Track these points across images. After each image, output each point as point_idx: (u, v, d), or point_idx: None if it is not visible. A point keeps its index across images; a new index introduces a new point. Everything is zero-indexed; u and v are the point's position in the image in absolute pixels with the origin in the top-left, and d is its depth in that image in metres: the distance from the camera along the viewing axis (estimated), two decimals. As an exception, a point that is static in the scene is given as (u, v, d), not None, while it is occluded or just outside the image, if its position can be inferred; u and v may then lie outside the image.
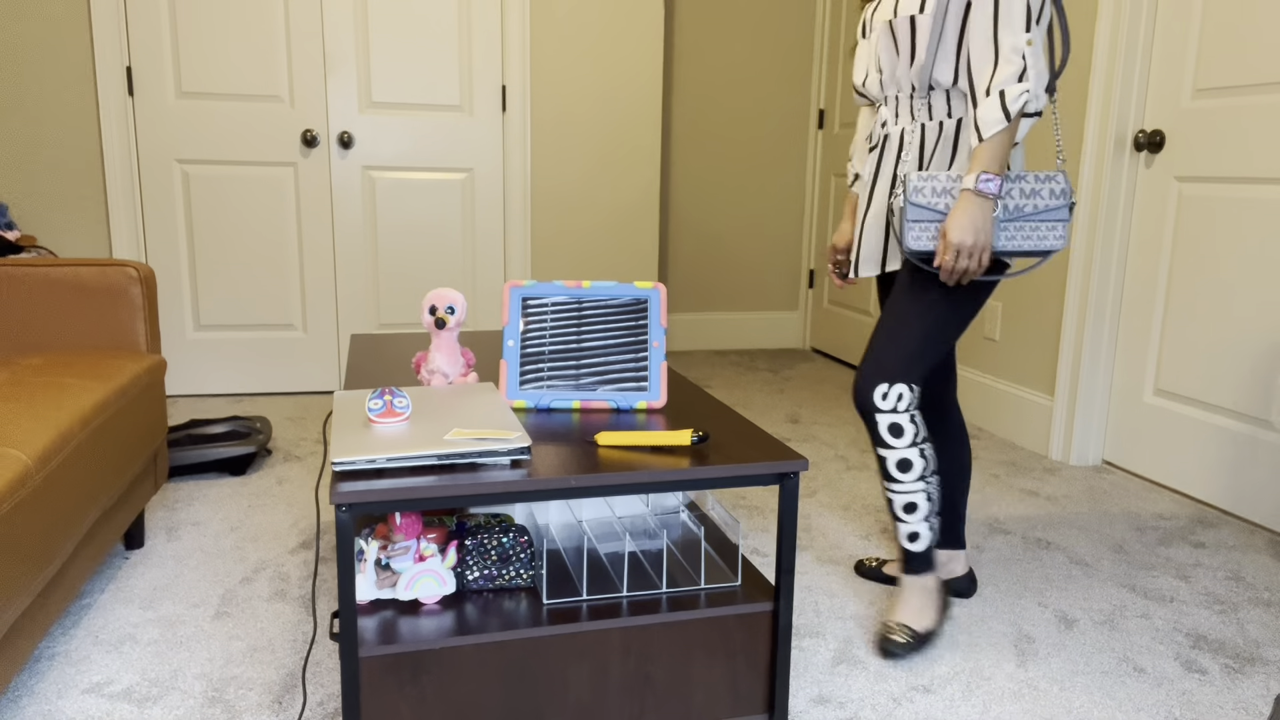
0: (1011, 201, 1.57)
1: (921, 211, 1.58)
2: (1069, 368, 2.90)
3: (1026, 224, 1.57)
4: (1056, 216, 1.58)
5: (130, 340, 2.12)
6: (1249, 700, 1.62)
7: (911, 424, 1.70)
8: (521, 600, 1.39)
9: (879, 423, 1.71)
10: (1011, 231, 1.58)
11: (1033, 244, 1.59)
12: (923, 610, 1.78)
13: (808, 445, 3.06)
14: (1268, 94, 2.34)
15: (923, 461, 1.72)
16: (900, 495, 1.74)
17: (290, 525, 2.32)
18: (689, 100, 4.38)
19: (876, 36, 1.70)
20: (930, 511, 1.75)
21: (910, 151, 1.69)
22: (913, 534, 1.76)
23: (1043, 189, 1.58)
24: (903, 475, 1.72)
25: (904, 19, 1.61)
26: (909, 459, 1.71)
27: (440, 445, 1.25)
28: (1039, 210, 1.58)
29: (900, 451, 1.71)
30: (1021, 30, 1.52)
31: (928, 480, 1.73)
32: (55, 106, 3.27)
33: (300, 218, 3.53)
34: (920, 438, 1.71)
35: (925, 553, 1.78)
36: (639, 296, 1.55)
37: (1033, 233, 1.58)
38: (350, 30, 3.44)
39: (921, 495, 1.73)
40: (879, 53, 1.70)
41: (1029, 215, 1.57)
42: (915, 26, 1.61)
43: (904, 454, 1.71)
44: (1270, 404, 2.37)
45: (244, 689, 1.59)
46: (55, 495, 1.47)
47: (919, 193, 1.58)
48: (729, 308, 4.64)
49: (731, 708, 1.41)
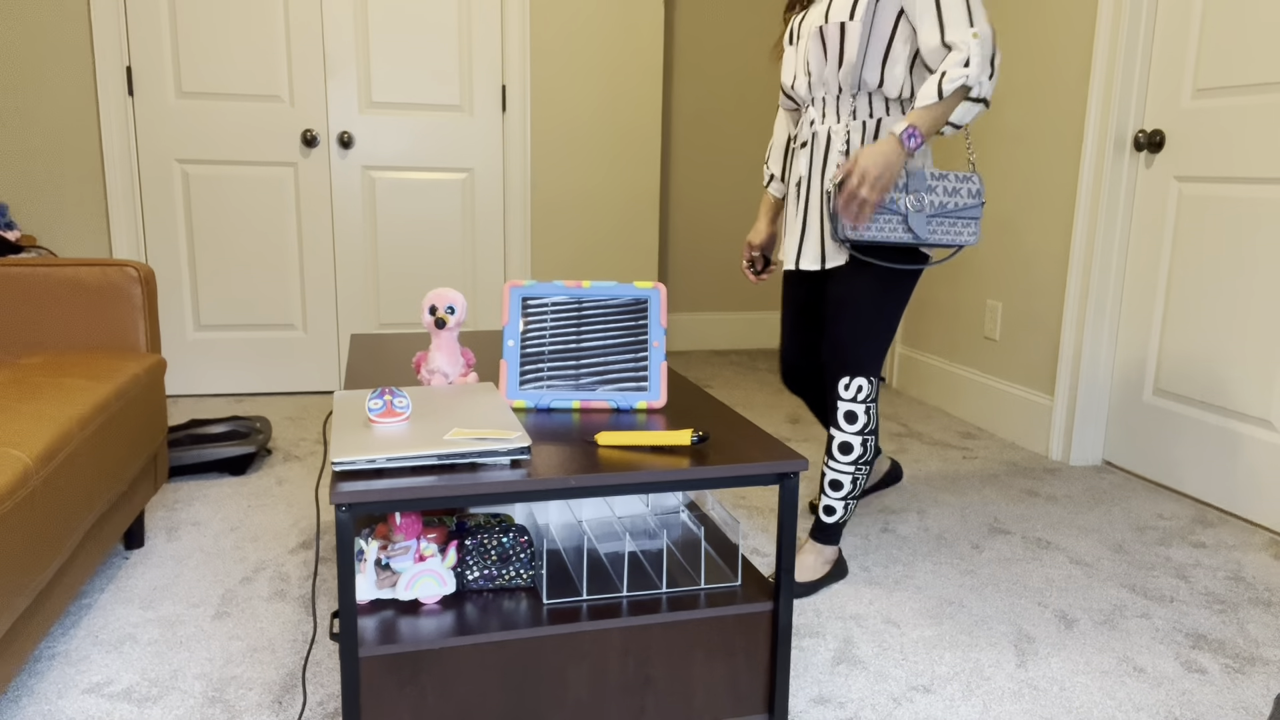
0: (937, 199, 1.71)
1: None
2: (1069, 368, 2.90)
3: (947, 220, 1.72)
4: (972, 214, 1.73)
5: (130, 340, 2.12)
6: (1249, 700, 1.62)
7: (866, 414, 1.88)
8: (521, 600, 1.39)
9: (838, 409, 1.89)
10: (934, 226, 1.72)
11: (951, 239, 1.74)
12: (812, 567, 1.99)
13: (808, 445, 3.06)
14: (1268, 94, 2.34)
15: (862, 449, 1.90)
16: (831, 472, 1.94)
17: (290, 525, 2.32)
18: (689, 100, 4.38)
19: (805, 42, 1.83)
20: (851, 494, 1.95)
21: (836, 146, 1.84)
22: (829, 508, 1.97)
23: (962, 188, 1.72)
24: (842, 456, 1.92)
25: (834, 25, 1.75)
26: (851, 443, 1.90)
27: (440, 445, 1.25)
28: (959, 208, 1.72)
29: (847, 436, 1.90)
30: (965, 26, 1.67)
31: (859, 466, 1.92)
32: (55, 106, 3.27)
33: (300, 218, 3.53)
34: (868, 429, 1.89)
35: (835, 526, 1.98)
36: (639, 296, 1.55)
37: (951, 228, 1.74)
38: (350, 30, 3.44)
39: (848, 478, 1.93)
40: (808, 57, 1.83)
41: (950, 212, 1.71)
42: (845, 32, 1.75)
43: (849, 439, 1.90)
44: (1270, 404, 2.37)
45: (244, 689, 1.59)
46: (55, 495, 1.47)
47: None
48: (729, 308, 4.64)
49: (731, 708, 1.41)
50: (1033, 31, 3.02)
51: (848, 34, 1.73)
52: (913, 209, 1.70)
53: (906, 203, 1.70)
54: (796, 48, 1.87)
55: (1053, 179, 2.96)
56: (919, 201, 1.70)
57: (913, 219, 1.70)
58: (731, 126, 4.46)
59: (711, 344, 4.65)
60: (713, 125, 4.44)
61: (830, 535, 1.98)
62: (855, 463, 1.91)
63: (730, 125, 4.45)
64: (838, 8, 1.75)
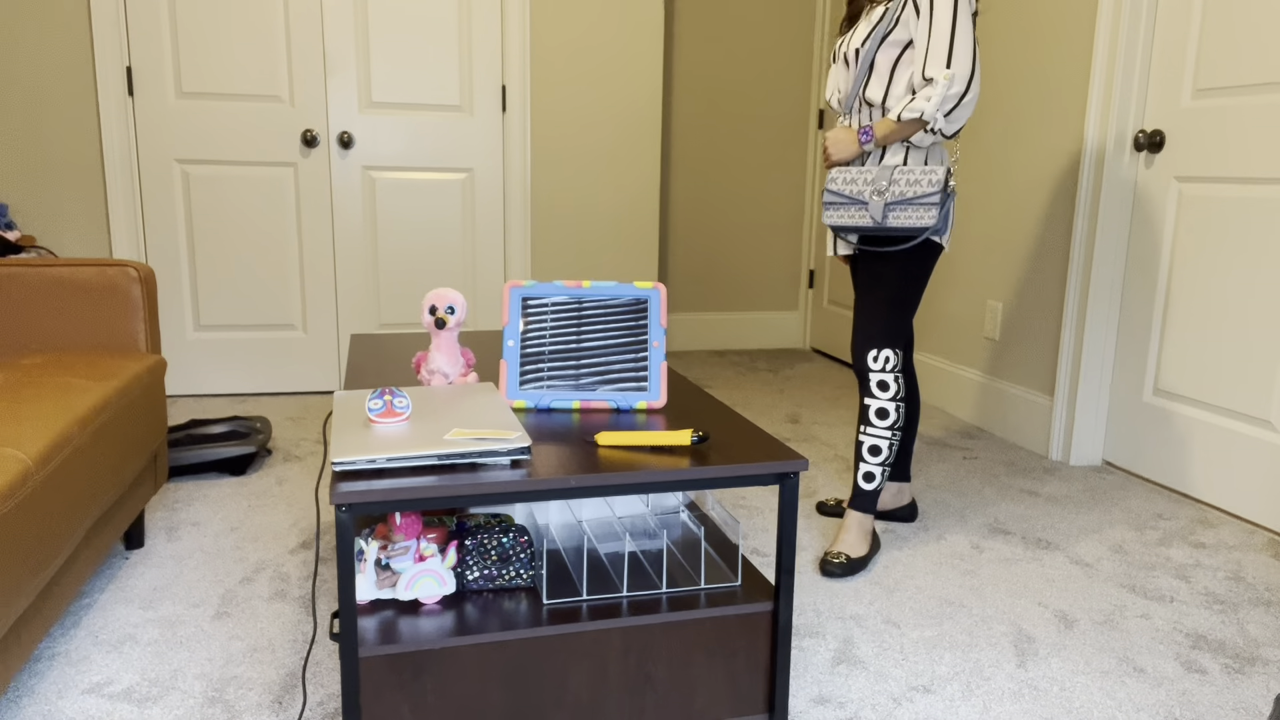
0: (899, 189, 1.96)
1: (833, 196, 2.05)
2: (1069, 368, 2.90)
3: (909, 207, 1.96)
4: (931, 200, 1.94)
5: (130, 340, 2.12)
6: (1249, 700, 1.62)
7: (895, 383, 2.11)
8: (521, 600, 1.39)
9: (870, 379, 2.11)
10: (897, 212, 1.98)
11: (912, 223, 1.97)
12: (858, 543, 2.12)
13: (808, 445, 3.06)
14: (1268, 94, 2.34)
15: (896, 415, 2.11)
16: (869, 438, 2.13)
17: (290, 525, 2.32)
18: (689, 100, 4.38)
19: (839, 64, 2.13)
20: (887, 459, 2.13)
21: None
22: (868, 474, 2.14)
23: (924, 179, 1.95)
24: (879, 421, 2.11)
25: (852, 51, 2.06)
26: (887, 409, 2.10)
27: (440, 445, 1.25)
28: (918, 196, 1.95)
29: (881, 402, 2.11)
30: (943, 64, 1.93)
31: (895, 431, 2.12)
32: (55, 106, 3.27)
33: (300, 218, 3.53)
34: (899, 395, 2.11)
35: (873, 493, 2.14)
36: (639, 296, 1.55)
37: (913, 214, 1.96)
38: (350, 30, 3.44)
39: (885, 442, 2.12)
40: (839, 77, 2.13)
41: (910, 200, 1.96)
42: (859, 57, 2.05)
43: (883, 404, 2.10)
44: (1270, 404, 2.37)
45: (244, 689, 1.59)
46: (55, 495, 1.47)
47: (833, 181, 2.06)
48: (729, 308, 4.64)
49: (731, 708, 1.41)
50: (1033, 31, 3.02)
51: (861, 60, 2.04)
52: (873, 199, 1.99)
53: (869, 193, 1.99)
54: (836, 66, 2.16)
55: (1053, 179, 2.96)
56: (880, 193, 1.98)
57: (871, 206, 1.99)
58: (732, 126, 4.46)
59: (711, 344, 4.65)
60: (713, 125, 4.44)
61: (870, 502, 2.15)
62: (891, 428, 2.11)
63: (730, 125, 4.45)
64: (860, 35, 2.05)
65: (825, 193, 2.07)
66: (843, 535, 2.14)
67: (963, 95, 1.93)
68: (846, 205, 2.03)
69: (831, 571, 2.06)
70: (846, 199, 2.03)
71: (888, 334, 2.09)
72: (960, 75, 1.92)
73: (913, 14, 1.96)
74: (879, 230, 2.01)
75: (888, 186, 1.97)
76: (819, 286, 4.62)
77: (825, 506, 2.45)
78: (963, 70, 1.92)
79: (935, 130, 1.96)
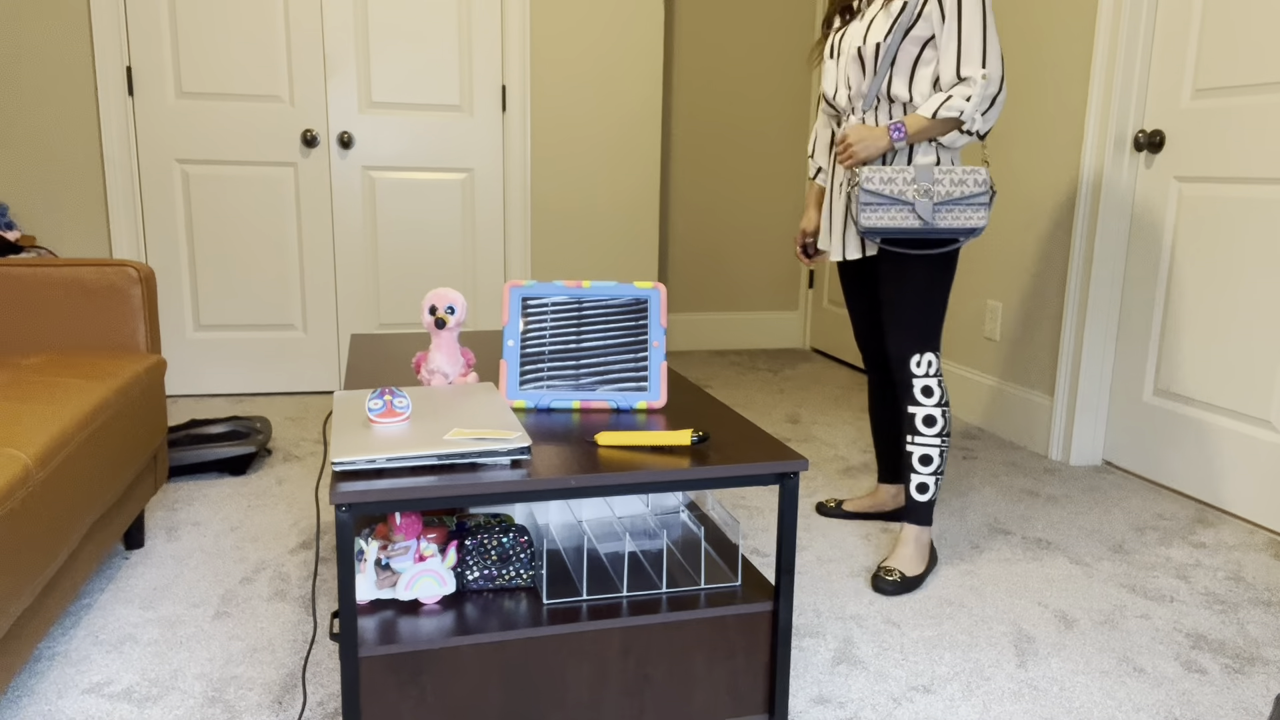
0: (944, 189, 1.89)
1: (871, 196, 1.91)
2: (1069, 368, 2.90)
3: (956, 207, 1.90)
4: (980, 201, 1.90)
5: (130, 340, 2.12)
6: (1249, 700, 1.62)
7: (939, 387, 2.03)
8: (521, 600, 1.39)
9: (914, 386, 2.03)
10: (944, 213, 1.91)
11: (961, 224, 1.91)
12: (914, 559, 2.04)
13: (808, 445, 3.06)
14: (1268, 94, 2.34)
15: (944, 421, 2.04)
16: (920, 448, 2.04)
17: (290, 525, 2.32)
18: (689, 100, 4.38)
19: (845, 59, 2.03)
20: (939, 467, 2.05)
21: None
22: (922, 485, 2.05)
23: (969, 179, 1.90)
24: (926, 430, 2.03)
25: (871, 46, 1.96)
26: (934, 416, 2.03)
27: (440, 445, 1.25)
28: (966, 196, 1.90)
29: (928, 409, 2.03)
30: (978, 63, 1.89)
31: (944, 438, 2.04)
32: (55, 106, 3.27)
33: (300, 218, 3.53)
34: (944, 400, 2.04)
35: (928, 505, 2.06)
36: (639, 296, 1.55)
37: (961, 214, 1.91)
38: (350, 30, 3.44)
39: (936, 450, 2.04)
40: (849, 73, 2.03)
41: (958, 200, 1.90)
42: (880, 53, 1.96)
43: (930, 411, 2.03)
44: (1270, 404, 2.37)
45: (244, 689, 1.59)
46: (55, 495, 1.47)
47: (869, 181, 1.91)
48: (729, 308, 4.64)
49: (731, 708, 1.41)
50: (1033, 31, 3.02)
51: (882, 55, 1.94)
52: (919, 199, 1.89)
53: (913, 193, 1.89)
54: (838, 62, 2.06)
55: (1053, 179, 2.96)
56: (926, 193, 1.88)
57: (919, 206, 1.89)
58: (731, 126, 4.46)
59: (711, 344, 4.65)
60: (712, 125, 4.44)
61: (927, 514, 2.06)
62: (940, 435, 2.03)
63: (730, 125, 4.45)
64: (876, 29, 1.95)
65: (862, 193, 1.91)
66: (899, 550, 2.06)
67: (996, 95, 1.90)
68: (888, 206, 1.91)
69: (884, 589, 1.98)
70: (888, 199, 1.91)
71: (928, 336, 2.02)
72: (994, 75, 1.89)
73: (937, 10, 1.90)
74: (927, 232, 1.91)
75: (931, 186, 1.89)
76: (819, 286, 4.62)
77: (825, 507, 2.44)
78: (995, 70, 1.89)
79: (971, 130, 1.91)
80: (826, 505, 2.44)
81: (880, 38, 1.94)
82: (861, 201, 1.91)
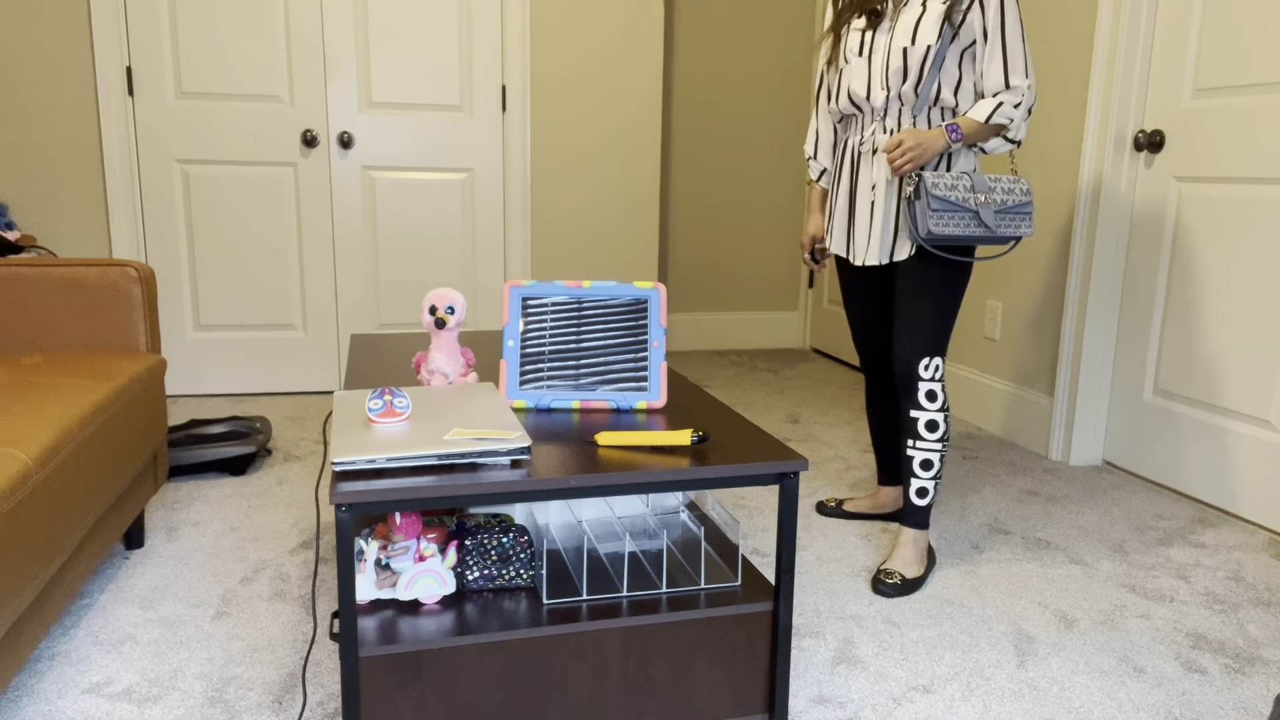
0: (998, 197, 1.94)
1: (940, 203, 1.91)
2: (1069, 368, 2.90)
3: (1010, 215, 1.95)
4: (1027, 210, 1.96)
5: (130, 340, 2.12)
6: (1249, 700, 1.62)
7: (943, 392, 2.04)
8: (521, 600, 1.39)
9: (919, 390, 2.03)
10: (1002, 220, 1.95)
11: (1014, 230, 1.96)
12: (914, 562, 2.05)
13: (808, 445, 3.06)
14: (1268, 94, 2.34)
15: (945, 426, 2.04)
16: (921, 452, 2.04)
17: (290, 525, 2.32)
18: (689, 100, 4.38)
19: (883, 58, 1.99)
20: (939, 471, 2.06)
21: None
22: (922, 489, 2.06)
23: (1015, 188, 1.95)
24: (929, 435, 2.04)
25: (920, 47, 1.93)
26: (936, 421, 2.03)
27: (440, 445, 1.25)
28: (1016, 205, 1.95)
29: (931, 414, 2.03)
30: (1024, 73, 1.94)
31: (945, 443, 2.05)
32: (55, 106, 3.27)
33: (300, 218, 3.53)
34: (946, 404, 2.05)
35: (927, 509, 2.07)
36: (639, 296, 1.55)
37: (1013, 222, 1.95)
38: (350, 30, 3.44)
39: (937, 455, 2.04)
40: (887, 73, 1.98)
41: (1011, 208, 1.95)
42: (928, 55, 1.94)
43: (933, 416, 2.03)
44: (1270, 404, 2.37)
45: (244, 689, 1.59)
46: (55, 495, 1.47)
47: (936, 187, 1.91)
48: (729, 308, 4.64)
49: (731, 708, 1.41)
50: (1033, 31, 3.02)
51: (932, 58, 1.93)
52: (982, 206, 1.92)
53: (976, 201, 1.92)
54: (870, 61, 2.01)
55: (1053, 179, 2.96)
56: (987, 199, 1.92)
57: (984, 214, 1.92)
58: (731, 126, 4.46)
59: (711, 344, 4.65)
60: (712, 125, 4.44)
61: (925, 517, 2.08)
62: (942, 439, 2.04)
63: (730, 125, 4.45)
64: (926, 32, 1.93)
65: (932, 199, 1.89)
66: (898, 552, 2.07)
67: (1032, 106, 1.96)
68: (953, 213, 1.92)
69: (884, 592, 1.99)
70: (953, 206, 1.91)
71: (937, 341, 2.02)
72: (1034, 86, 1.95)
73: (979, 17, 1.92)
74: (988, 238, 1.94)
75: (989, 195, 1.93)
76: (819, 286, 4.62)
77: (825, 506, 2.44)
78: (1033, 80, 1.95)
79: (1014, 138, 1.96)
80: (827, 504, 2.44)
81: (932, 40, 1.92)
82: (932, 208, 1.90)
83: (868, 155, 2.04)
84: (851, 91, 2.05)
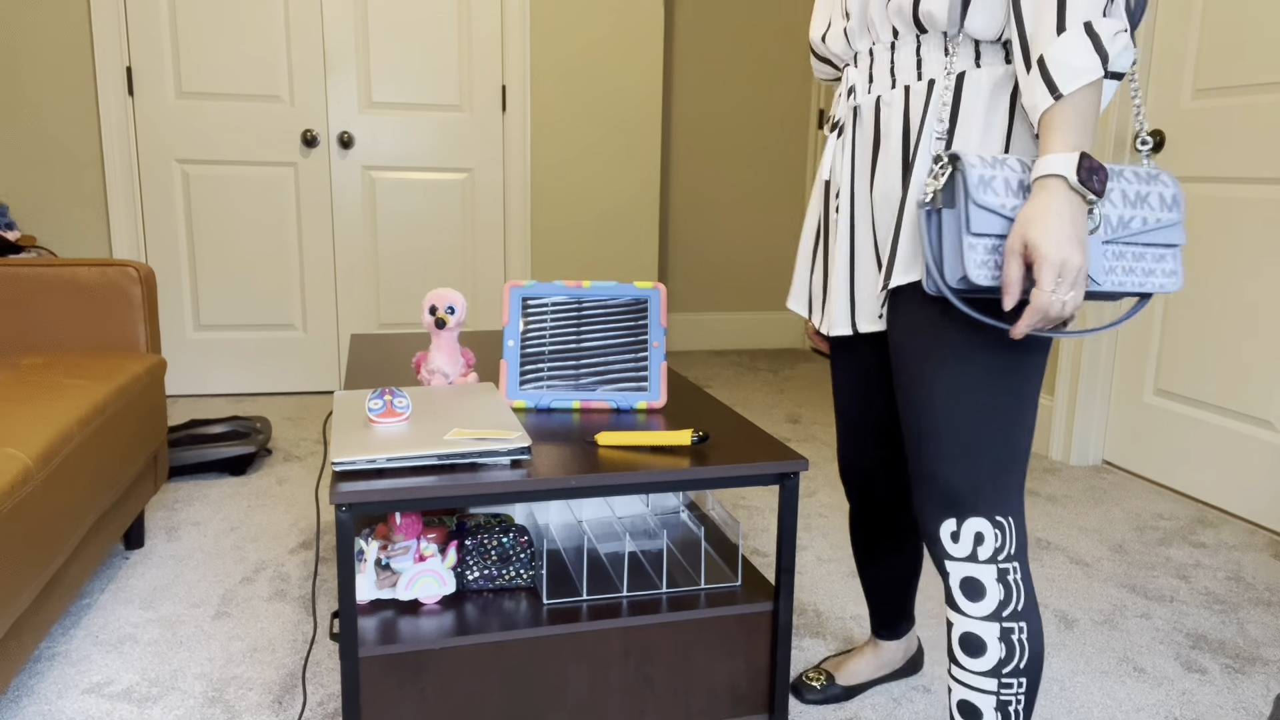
0: (1114, 212, 0.99)
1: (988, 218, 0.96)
2: (1069, 368, 2.90)
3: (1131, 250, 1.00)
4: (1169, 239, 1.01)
5: (130, 340, 2.12)
6: (1249, 700, 1.62)
7: (999, 583, 1.10)
8: (521, 600, 1.39)
9: (950, 574, 1.13)
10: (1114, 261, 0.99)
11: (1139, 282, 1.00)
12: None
13: (808, 445, 3.06)
14: (1268, 94, 2.34)
15: (1002, 646, 1.10)
16: (959, 687, 1.14)
17: (290, 525, 2.32)
18: (689, 100, 4.38)
19: None
20: None
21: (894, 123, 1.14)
22: None
23: (1151, 193, 1.01)
24: (967, 659, 1.13)
25: None
26: (980, 638, 1.11)
27: (440, 445, 1.25)
28: (1149, 228, 1.00)
29: (970, 623, 1.12)
30: None
31: (1003, 679, 1.11)
32: (55, 106, 3.27)
33: (300, 218, 3.53)
34: (1008, 609, 1.10)
35: None
36: (639, 296, 1.55)
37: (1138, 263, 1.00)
38: (350, 30, 3.44)
39: (988, 700, 1.12)
40: None
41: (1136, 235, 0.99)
42: None
43: (975, 628, 1.12)
44: (1270, 404, 2.37)
45: (244, 689, 1.59)
46: (55, 495, 1.47)
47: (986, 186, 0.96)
48: (729, 308, 4.64)
49: (731, 708, 1.41)
50: (1033, 31, 3.02)
51: None
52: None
53: None
54: None
55: (1053, 179, 2.96)
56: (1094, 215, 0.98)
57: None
58: (731, 126, 4.46)
59: (711, 344, 4.65)
60: (713, 124, 4.44)
61: None
62: (996, 672, 1.11)
63: (730, 125, 4.45)
64: None
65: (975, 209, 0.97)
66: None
67: None
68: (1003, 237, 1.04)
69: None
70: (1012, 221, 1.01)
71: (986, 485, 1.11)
72: None
73: None
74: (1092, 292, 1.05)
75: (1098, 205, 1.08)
76: (819, 286, 4.62)
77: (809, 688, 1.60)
78: None
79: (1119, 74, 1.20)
80: (809, 683, 1.59)
81: None
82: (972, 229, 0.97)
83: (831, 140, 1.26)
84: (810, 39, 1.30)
